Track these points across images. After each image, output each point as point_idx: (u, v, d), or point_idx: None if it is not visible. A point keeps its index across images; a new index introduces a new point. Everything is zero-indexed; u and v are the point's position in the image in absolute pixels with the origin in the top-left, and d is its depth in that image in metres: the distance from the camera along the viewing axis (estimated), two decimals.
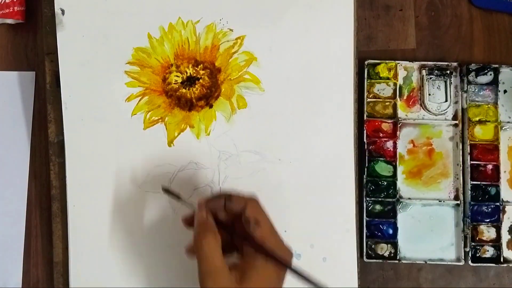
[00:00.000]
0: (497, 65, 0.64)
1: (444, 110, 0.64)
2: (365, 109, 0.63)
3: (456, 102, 0.64)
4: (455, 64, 0.64)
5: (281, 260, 0.50)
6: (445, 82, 0.64)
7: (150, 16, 0.62)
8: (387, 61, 0.64)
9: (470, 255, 0.62)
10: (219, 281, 0.49)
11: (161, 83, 0.62)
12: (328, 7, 0.62)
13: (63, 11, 0.61)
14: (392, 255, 0.62)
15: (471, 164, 0.63)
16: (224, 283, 0.49)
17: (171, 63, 0.62)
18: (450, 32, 0.66)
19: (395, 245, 0.62)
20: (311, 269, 0.60)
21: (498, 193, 0.63)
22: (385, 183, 0.63)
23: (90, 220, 0.61)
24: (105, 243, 0.61)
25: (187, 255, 0.54)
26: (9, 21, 0.64)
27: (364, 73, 0.64)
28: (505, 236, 0.63)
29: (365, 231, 0.62)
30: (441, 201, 0.63)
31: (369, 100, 0.64)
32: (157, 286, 0.61)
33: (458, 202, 0.63)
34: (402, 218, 0.63)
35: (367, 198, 0.62)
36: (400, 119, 0.64)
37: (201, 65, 0.62)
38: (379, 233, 0.62)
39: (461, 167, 0.63)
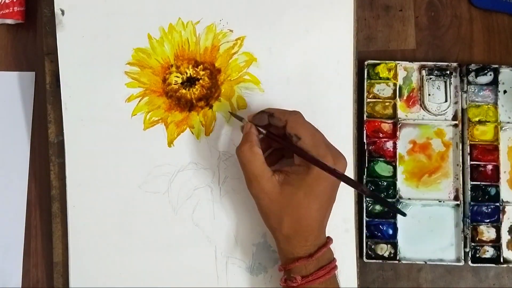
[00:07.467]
0: (497, 66, 0.64)
1: (444, 111, 0.64)
2: (365, 109, 0.63)
3: (456, 103, 0.64)
4: (455, 64, 0.64)
5: (324, 168, 0.52)
6: (445, 82, 0.64)
7: (150, 17, 0.62)
8: (387, 62, 0.64)
9: (470, 255, 0.62)
10: (259, 185, 0.54)
11: (161, 84, 0.62)
12: (328, 7, 0.62)
13: (63, 11, 0.61)
14: (392, 255, 0.62)
15: (471, 165, 0.63)
16: (264, 186, 0.53)
17: (171, 63, 0.62)
18: (450, 32, 0.66)
19: (395, 245, 0.62)
20: None
21: (498, 193, 0.63)
22: (385, 183, 0.63)
23: (90, 220, 0.61)
24: (105, 243, 0.61)
25: None
26: (9, 21, 0.64)
27: (364, 74, 0.64)
28: (505, 237, 0.63)
29: (365, 231, 0.62)
30: (441, 201, 0.63)
31: (369, 100, 0.64)
32: (157, 286, 0.61)
33: (458, 202, 0.63)
34: (402, 218, 0.63)
35: (367, 198, 0.62)
36: (400, 120, 0.64)
37: (201, 65, 0.62)
38: (379, 234, 0.62)
39: (461, 168, 0.63)
